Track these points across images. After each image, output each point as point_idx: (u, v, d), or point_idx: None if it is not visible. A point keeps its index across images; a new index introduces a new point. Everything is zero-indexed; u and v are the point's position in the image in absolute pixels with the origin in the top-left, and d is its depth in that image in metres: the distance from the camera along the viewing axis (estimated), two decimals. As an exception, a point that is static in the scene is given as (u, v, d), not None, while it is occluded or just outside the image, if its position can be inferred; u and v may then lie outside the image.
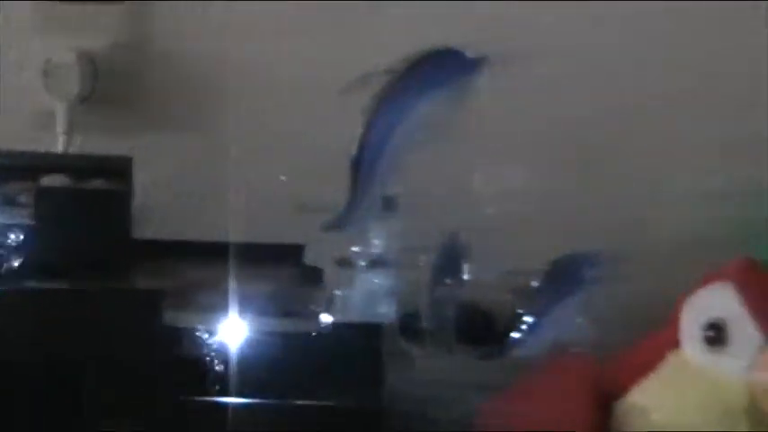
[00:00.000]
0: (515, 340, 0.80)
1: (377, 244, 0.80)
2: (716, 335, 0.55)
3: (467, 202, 0.92)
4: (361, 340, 0.70)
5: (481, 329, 0.85)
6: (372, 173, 0.79)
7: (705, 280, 0.56)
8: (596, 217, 0.90)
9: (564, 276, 0.80)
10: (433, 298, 0.80)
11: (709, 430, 0.54)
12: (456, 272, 0.80)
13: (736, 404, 0.53)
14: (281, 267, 0.76)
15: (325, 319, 0.68)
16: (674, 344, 0.56)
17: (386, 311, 0.80)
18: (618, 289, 0.75)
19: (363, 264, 0.80)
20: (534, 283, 0.81)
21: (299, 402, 0.61)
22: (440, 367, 0.80)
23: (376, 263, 0.80)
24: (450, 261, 0.80)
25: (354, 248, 0.80)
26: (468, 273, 0.82)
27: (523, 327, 0.80)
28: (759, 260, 0.55)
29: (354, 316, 0.79)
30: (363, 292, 0.80)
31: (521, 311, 0.81)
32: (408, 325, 0.83)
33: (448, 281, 0.80)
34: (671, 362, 0.57)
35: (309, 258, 0.75)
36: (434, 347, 0.81)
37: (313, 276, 0.72)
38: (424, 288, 0.81)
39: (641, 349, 0.59)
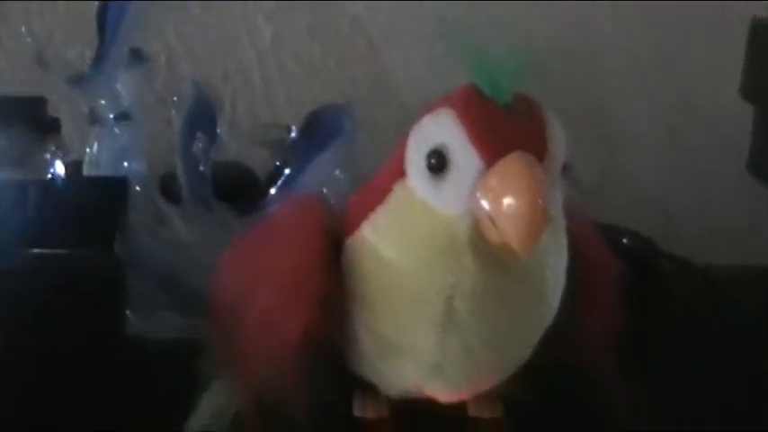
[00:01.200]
0: (274, 194, 0.80)
1: (125, 97, 0.78)
2: (437, 162, 0.51)
3: (222, 55, 0.90)
4: (104, 194, 0.68)
5: (239, 184, 0.84)
6: (119, 24, 0.76)
7: (430, 107, 0.53)
8: (345, 70, 0.90)
9: (320, 128, 0.79)
10: (186, 153, 0.78)
11: (433, 263, 0.52)
12: (208, 125, 0.78)
13: (459, 234, 0.51)
14: (22, 120, 0.72)
15: (62, 170, 0.66)
16: (401, 175, 0.53)
17: (136, 167, 0.78)
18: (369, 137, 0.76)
19: (112, 117, 0.77)
20: (291, 136, 0.80)
21: (37, 251, 0.59)
22: (198, 224, 0.79)
23: (125, 116, 0.78)
24: (201, 114, 0.78)
25: (102, 101, 0.77)
26: (222, 127, 0.80)
27: (281, 180, 0.80)
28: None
29: (103, 171, 0.77)
30: (112, 147, 0.77)
31: (278, 165, 0.80)
32: (166, 183, 0.81)
33: (200, 134, 0.78)
34: (397, 193, 0.54)
35: (53, 112, 0.72)
36: (192, 204, 0.79)
37: (56, 129, 0.69)
38: (178, 143, 0.79)
39: (371, 183, 0.56)
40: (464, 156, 0.51)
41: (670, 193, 0.98)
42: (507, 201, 0.49)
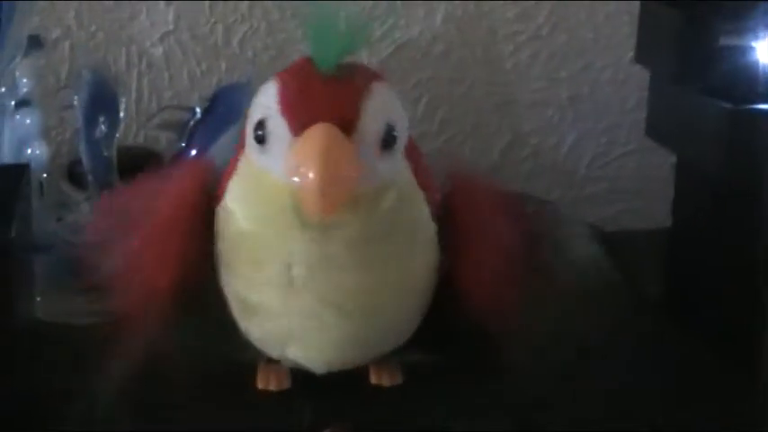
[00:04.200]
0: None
1: (25, 83, 0.77)
2: (262, 133, 0.54)
3: (125, 39, 0.91)
4: (4, 181, 0.68)
5: (144, 168, 0.84)
6: (14, 12, 0.76)
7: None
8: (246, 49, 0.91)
9: (222, 109, 0.80)
10: (89, 137, 0.78)
11: (270, 230, 0.55)
12: (110, 110, 0.79)
13: (285, 202, 0.53)
14: None
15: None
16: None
17: (38, 153, 0.78)
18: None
19: (12, 105, 0.77)
20: (195, 117, 0.81)
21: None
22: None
23: (25, 103, 0.78)
24: (101, 99, 0.78)
25: (1, 89, 0.77)
26: (126, 110, 0.80)
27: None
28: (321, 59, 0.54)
29: (5, 158, 0.77)
30: (12, 135, 0.77)
31: (183, 146, 0.81)
32: (72, 170, 0.81)
33: (102, 119, 0.78)
34: (242, 163, 0.57)
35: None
36: (97, 189, 0.80)
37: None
38: (80, 128, 0.79)
39: (235, 152, 0.59)
40: (278, 127, 0.54)
41: (572, 159, 1.00)
42: (302, 171, 0.52)
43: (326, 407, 0.61)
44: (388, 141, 0.55)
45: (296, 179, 0.52)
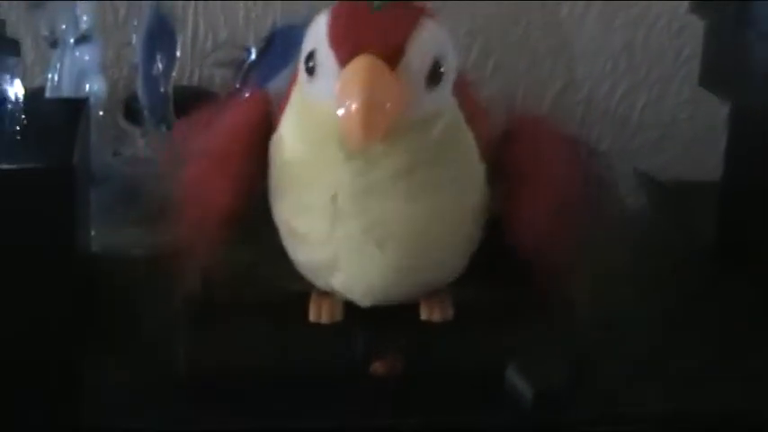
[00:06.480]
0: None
1: (85, 21, 0.78)
2: (312, 64, 0.56)
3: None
4: (64, 114, 0.69)
5: (199, 105, 0.85)
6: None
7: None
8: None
9: (278, 49, 0.81)
10: (147, 74, 0.79)
11: (318, 159, 0.57)
12: (168, 46, 0.79)
13: (332, 132, 0.55)
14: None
15: (22, 91, 0.67)
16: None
17: (97, 89, 0.79)
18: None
19: (72, 41, 0.78)
20: (250, 57, 0.82)
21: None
22: (160, 143, 0.80)
23: (85, 39, 0.79)
24: (160, 35, 0.79)
25: (62, 26, 0.78)
26: (180, 48, 0.81)
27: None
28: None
29: (65, 93, 0.78)
30: (72, 70, 0.78)
31: (238, 86, 0.81)
32: (129, 105, 0.82)
33: (160, 56, 0.79)
34: (295, 94, 0.58)
35: (13, 34, 0.73)
36: (153, 125, 0.81)
37: (16, 51, 0.70)
38: (139, 64, 0.80)
39: (289, 83, 0.60)
40: (327, 58, 0.55)
41: (625, 107, 1.00)
42: (345, 102, 0.53)
43: (377, 340, 0.62)
44: (434, 76, 0.56)
45: (341, 110, 0.53)
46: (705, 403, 0.63)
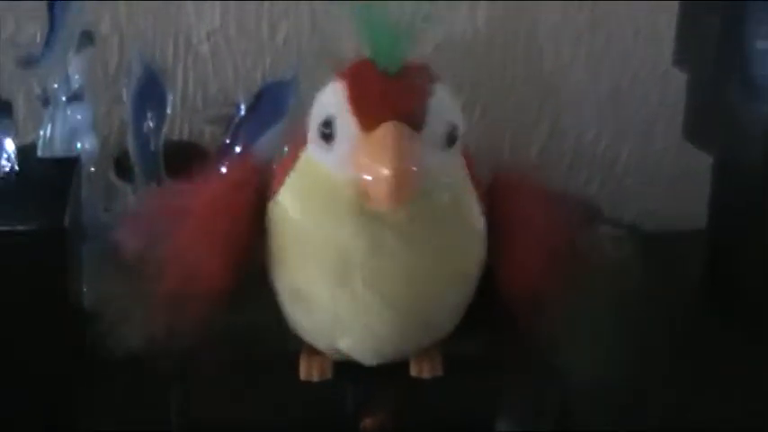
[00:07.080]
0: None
1: (77, 79, 0.79)
2: (328, 131, 0.56)
3: (172, 33, 0.92)
4: (56, 173, 0.70)
5: (190, 162, 0.86)
6: (68, 7, 0.78)
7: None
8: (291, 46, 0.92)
9: (267, 105, 0.82)
10: (137, 131, 0.80)
11: (327, 223, 0.57)
12: (158, 102, 0.80)
13: (347, 197, 0.56)
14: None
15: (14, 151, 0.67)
16: (306, 143, 0.58)
17: (88, 147, 0.80)
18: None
19: (64, 99, 0.79)
20: (240, 113, 0.83)
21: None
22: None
23: (76, 98, 0.79)
24: (150, 91, 0.80)
25: (54, 84, 0.79)
26: (171, 105, 0.82)
27: (231, 156, 0.82)
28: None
29: (56, 151, 0.79)
30: (64, 128, 0.79)
31: (228, 142, 0.82)
32: (120, 162, 0.83)
33: (150, 113, 0.80)
34: (302, 160, 0.59)
35: (5, 95, 0.74)
36: (143, 181, 0.82)
37: (8, 112, 0.71)
38: (129, 121, 0.81)
39: (289, 149, 0.60)
40: (346, 124, 0.56)
41: (611, 155, 1.01)
42: (374, 167, 0.54)
43: (367, 397, 0.62)
44: (450, 139, 0.57)
45: (367, 176, 0.54)
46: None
